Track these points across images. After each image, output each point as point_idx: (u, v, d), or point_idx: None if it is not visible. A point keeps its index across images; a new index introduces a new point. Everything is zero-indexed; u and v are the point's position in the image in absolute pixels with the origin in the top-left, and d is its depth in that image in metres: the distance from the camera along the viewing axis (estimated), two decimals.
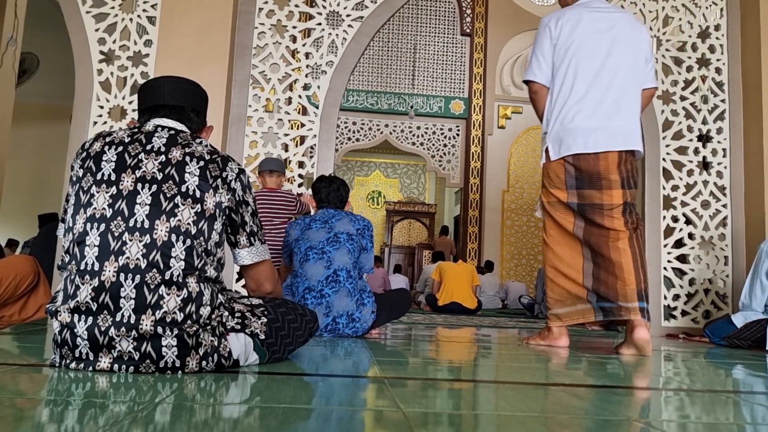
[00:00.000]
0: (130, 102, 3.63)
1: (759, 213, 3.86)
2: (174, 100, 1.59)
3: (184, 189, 1.46)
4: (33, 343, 2.08)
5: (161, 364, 1.40)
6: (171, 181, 1.45)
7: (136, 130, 1.53)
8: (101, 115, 3.60)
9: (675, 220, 4.01)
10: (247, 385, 1.38)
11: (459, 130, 10.92)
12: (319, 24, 3.91)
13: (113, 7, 3.69)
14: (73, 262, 1.42)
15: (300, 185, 3.87)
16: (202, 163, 1.50)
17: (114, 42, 3.67)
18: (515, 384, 1.59)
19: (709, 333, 3.24)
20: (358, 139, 10.76)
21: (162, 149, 1.49)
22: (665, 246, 3.96)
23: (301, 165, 3.90)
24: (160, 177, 1.45)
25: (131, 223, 1.41)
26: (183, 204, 1.45)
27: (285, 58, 3.88)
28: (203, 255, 1.46)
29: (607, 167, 2.52)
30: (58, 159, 8.16)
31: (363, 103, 10.65)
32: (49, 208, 5.86)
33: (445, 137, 10.90)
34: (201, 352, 1.44)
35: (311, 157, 3.84)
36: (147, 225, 1.41)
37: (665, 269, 3.94)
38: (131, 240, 1.40)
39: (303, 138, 3.88)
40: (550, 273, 2.66)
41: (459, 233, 11.57)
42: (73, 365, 1.41)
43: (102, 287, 1.37)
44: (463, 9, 10.94)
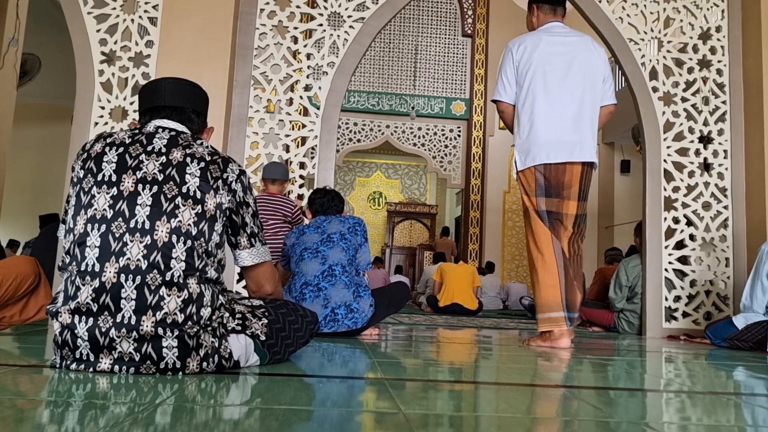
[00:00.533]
0: (131, 103, 3.63)
1: (760, 214, 3.85)
2: (175, 101, 1.59)
3: (184, 190, 1.46)
4: (34, 344, 2.08)
5: (162, 365, 1.40)
6: (172, 182, 1.45)
7: (136, 131, 1.54)
8: (102, 116, 3.60)
9: (676, 221, 4.00)
10: (248, 387, 1.38)
11: (460, 131, 10.92)
12: (321, 25, 3.92)
13: (114, 8, 3.70)
14: (74, 263, 1.42)
15: (301, 186, 3.87)
16: (202, 164, 1.50)
17: (115, 43, 3.67)
18: (516, 386, 1.59)
19: (710, 334, 3.24)
20: (359, 140, 10.76)
21: (163, 150, 1.49)
22: (666, 247, 3.95)
23: (302, 166, 3.90)
24: (160, 178, 1.45)
25: (132, 224, 1.41)
26: (184, 205, 1.45)
27: (286, 58, 3.88)
28: (204, 256, 1.46)
29: (571, 180, 2.75)
30: (59, 160, 8.16)
31: (364, 104, 10.65)
32: (51, 208, 5.86)
33: (446, 138, 10.90)
34: (202, 353, 1.44)
35: (312, 158, 3.84)
36: (148, 226, 1.41)
37: (666, 270, 3.93)
38: (132, 241, 1.40)
39: (304, 139, 3.88)
40: (532, 278, 2.79)
41: (460, 234, 11.57)
42: (74, 366, 1.41)
43: (102, 288, 1.37)
44: (465, 10, 10.95)
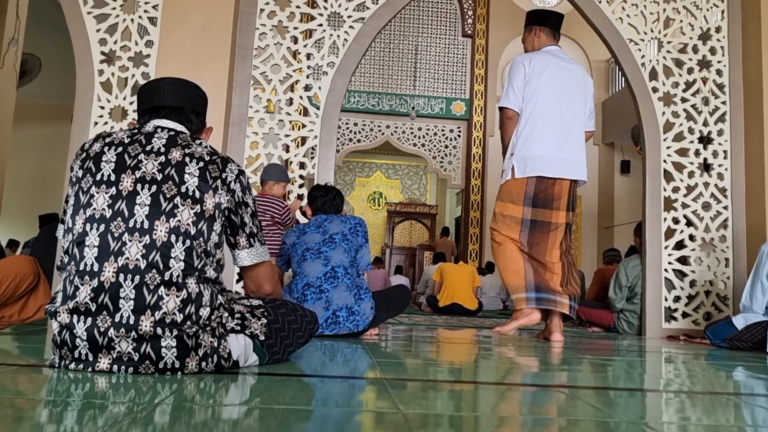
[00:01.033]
0: (130, 102, 3.63)
1: (760, 215, 3.85)
2: (174, 101, 1.59)
3: (183, 190, 1.46)
4: (33, 344, 2.08)
5: (161, 365, 1.40)
6: (171, 182, 1.45)
7: (135, 130, 1.53)
8: (102, 116, 3.60)
9: (676, 221, 4.00)
10: (247, 386, 1.38)
11: (460, 131, 10.91)
12: (321, 25, 3.91)
13: (114, 8, 3.69)
14: (73, 262, 1.42)
15: (301, 186, 3.87)
16: (201, 164, 1.50)
17: (115, 43, 3.67)
18: (515, 386, 1.59)
19: (710, 335, 3.24)
20: (359, 140, 10.76)
21: (162, 150, 1.49)
22: (666, 248, 3.95)
23: (302, 166, 3.90)
24: (159, 178, 1.45)
25: (131, 224, 1.41)
26: (182, 205, 1.45)
27: (286, 59, 3.88)
28: (203, 256, 1.46)
29: (560, 191, 3.04)
30: (59, 159, 8.17)
31: (364, 104, 10.65)
32: (50, 208, 5.85)
33: (447, 138, 10.90)
34: (200, 353, 1.44)
35: (312, 158, 3.84)
36: (146, 225, 1.41)
37: (666, 271, 3.93)
38: (131, 240, 1.40)
39: (304, 139, 3.88)
40: (500, 265, 3.11)
41: (460, 234, 11.56)
42: (73, 366, 1.40)
43: (101, 288, 1.37)
44: (465, 10, 10.95)
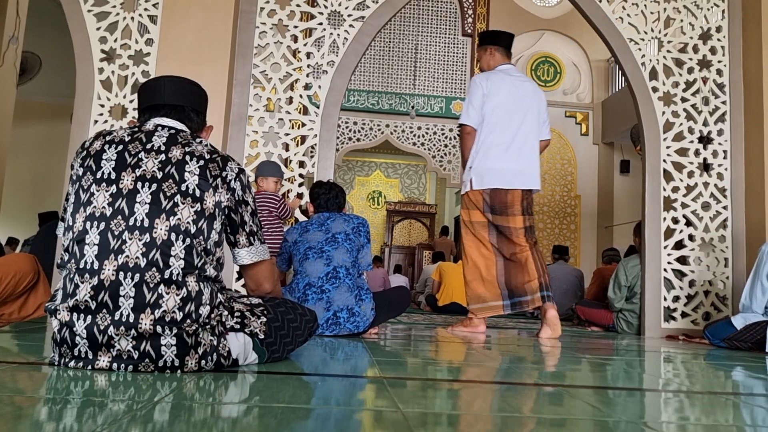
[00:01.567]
0: (130, 101, 3.63)
1: (759, 215, 3.85)
2: (174, 99, 1.59)
3: (183, 188, 1.46)
4: (32, 342, 2.08)
5: (160, 363, 1.40)
6: (171, 180, 1.45)
7: (136, 129, 1.53)
8: (102, 114, 3.60)
9: (675, 221, 4.00)
10: (246, 385, 1.38)
11: (460, 130, 10.91)
12: (321, 24, 3.91)
13: (115, 6, 3.69)
14: (73, 260, 1.42)
15: (300, 185, 3.87)
16: (202, 163, 1.50)
17: (115, 41, 3.67)
18: (514, 384, 1.59)
19: (709, 334, 3.24)
20: (358, 139, 10.74)
21: (162, 148, 1.49)
22: (665, 247, 3.95)
23: (302, 165, 3.90)
24: (160, 176, 1.45)
25: (131, 222, 1.41)
26: (183, 203, 1.45)
27: (286, 57, 3.88)
28: (203, 254, 1.46)
29: (513, 200, 3.26)
30: (59, 158, 8.16)
31: (364, 103, 10.64)
32: (50, 206, 5.86)
33: (446, 137, 10.89)
34: (200, 351, 1.44)
35: (312, 157, 3.84)
36: (147, 224, 1.41)
37: (665, 270, 3.93)
38: (131, 239, 1.40)
39: (304, 137, 3.88)
40: (468, 277, 3.32)
41: (459, 234, 11.55)
42: (72, 364, 1.41)
43: (101, 286, 1.37)
44: (465, 9, 10.94)
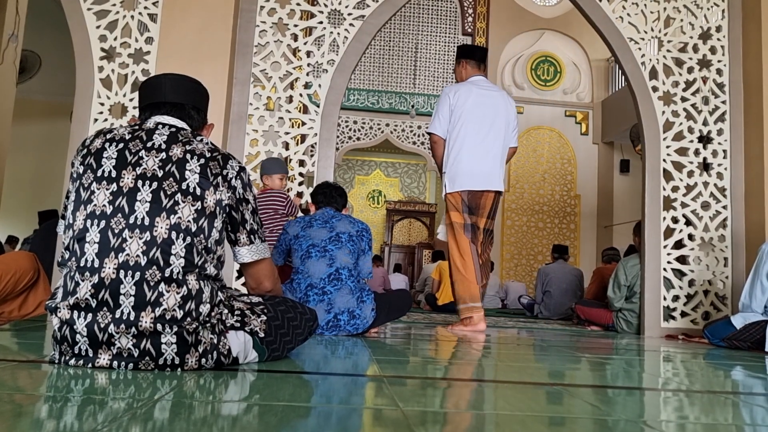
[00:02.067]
0: (130, 99, 3.63)
1: (759, 214, 3.85)
2: (175, 97, 1.59)
3: (184, 186, 1.46)
4: (32, 340, 2.09)
5: (160, 361, 1.40)
6: (171, 179, 1.45)
7: (136, 127, 1.53)
8: (102, 113, 3.60)
9: (675, 221, 4.00)
10: (246, 383, 1.38)
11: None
12: (321, 22, 3.91)
13: (114, 5, 3.69)
14: (73, 258, 1.42)
15: (300, 184, 3.87)
16: (202, 161, 1.50)
17: (115, 39, 3.67)
18: (514, 383, 1.59)
19: (709, 334, 3.24)
20: (358, 138, 10.75)
21: (163, 146, 1.49)
22: (665, 247, 3.95)
23: (302, 164, 3.89)
24: (160, 174, 1.45)
25: (131, 220, 1.41)
26: (183, 201, 1.45)
27: (286, 56, 3.88)
28: (203, 252, 1.46)
29: (485, 202, 3.49)
30: (59, 156, 8.15)
31: (364, 102, 10.64)
32: (50, 204, 5.85)
33: None
34: (200, 349, 1.44)
35: (312, 156, 3.84)
36: (147, 222, 1.41)
37: (665, 270, 3.93)
38: (131, 237, 1.40)
39: (304, 136, 3.87)
40: (455, 277, 3.44)
41: None
42: (73, 362, 1.41)
43: (102, 284, 1.37)
44: (465, 9, 10.93)
